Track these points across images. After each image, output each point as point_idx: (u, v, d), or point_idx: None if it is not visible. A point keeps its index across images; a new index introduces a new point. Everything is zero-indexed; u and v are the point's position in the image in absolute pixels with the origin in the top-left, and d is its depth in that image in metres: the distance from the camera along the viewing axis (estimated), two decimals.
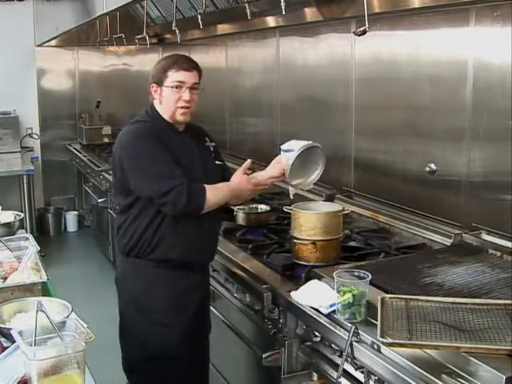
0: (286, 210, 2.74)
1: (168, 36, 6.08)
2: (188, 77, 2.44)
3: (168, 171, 2.36)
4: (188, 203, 2.32)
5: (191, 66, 2.47)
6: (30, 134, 6.81)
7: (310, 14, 3.44)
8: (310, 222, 2.54)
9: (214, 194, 2.42)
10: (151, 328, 2.50)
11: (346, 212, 2.74)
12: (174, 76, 2.43)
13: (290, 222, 2.66)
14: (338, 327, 2.03)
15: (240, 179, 2.52)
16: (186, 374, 2.56)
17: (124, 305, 2.61)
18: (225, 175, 2.67)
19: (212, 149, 2.68)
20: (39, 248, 2.59)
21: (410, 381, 1.70)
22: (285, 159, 2.51)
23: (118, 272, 2.65)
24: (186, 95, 2.44)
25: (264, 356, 2.39)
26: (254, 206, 3.40)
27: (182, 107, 2.46)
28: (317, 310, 2.13)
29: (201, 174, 2.50)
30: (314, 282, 2.27)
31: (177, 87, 2.44)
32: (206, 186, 2.39)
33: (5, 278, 2.35)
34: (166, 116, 2.50)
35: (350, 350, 1.92)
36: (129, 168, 2.42)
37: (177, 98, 2.44)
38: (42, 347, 1.66)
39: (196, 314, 2.58)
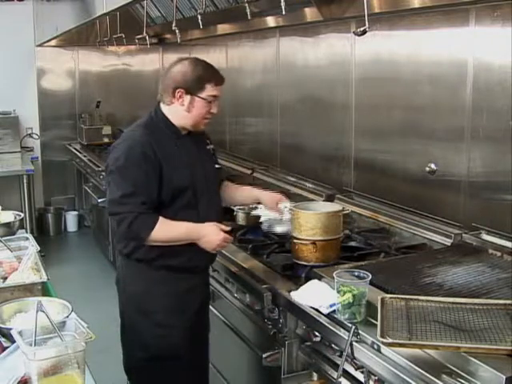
0: None
1: (168, 36, 6.08)
2: (220, 91, 2.47)
3: (125, 196, 2.37)
4: (127, 232, 2.37)
5: (223, 80, 2.50)
6: (30, 134, 6.81)
7: (310, 13, 3.44)
8: (309, 222, 2.54)
9: (166, 229, 2.39)
10: (152, 329, 2.50)
11: (346, 212, 2.74)
12: (212, 90, 2.43)
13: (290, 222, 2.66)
14: (337, 327, 2.03)
15: (212, 225, 2.45)
16: (186, 374, 2.56)
17: (124, 306, 2.60)
18: (221, 177, 2.69)
19: (212, 152, 2.68)
20: (39, 248, 2.59)
21: (410, 381, 1.70)
22: (282, 211, 2.69)
23: (119, 273, 2.65)
24: (215, 109, 2.46)
25: (264, 356, 2.39)
26: (254, 206, 3.39)
27: (207, 118, 2.48)
28: (317, 310, 2.13)
29: (201, 178, 2.51)
30: (314, 282, 2.27)
31: (211, 101, 2.44)
32: (160, 221, 2.35)
33: (5, 278, 2.35)
34: (186, 123, 2.48)
35: (350, 350, 1.92)
36: (108, 177, 2.52)
37: (208, 110, 2.46)
38: (42, 347, 1.66)
39: (196, 314, 2.58)
